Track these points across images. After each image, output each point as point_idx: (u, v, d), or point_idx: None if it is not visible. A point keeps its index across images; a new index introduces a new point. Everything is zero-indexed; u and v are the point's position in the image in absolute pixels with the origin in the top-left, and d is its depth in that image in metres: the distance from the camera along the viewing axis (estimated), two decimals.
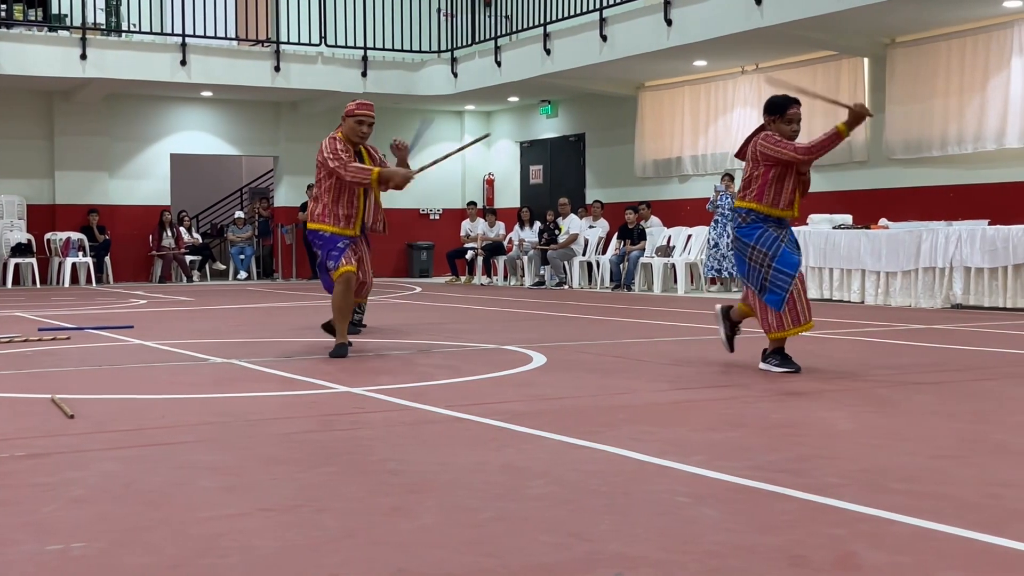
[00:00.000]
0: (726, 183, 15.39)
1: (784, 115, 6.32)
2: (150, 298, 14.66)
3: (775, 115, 6.34)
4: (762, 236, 6.24)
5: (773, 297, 6.22)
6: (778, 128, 6.32)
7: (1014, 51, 13.21)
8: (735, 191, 15.37)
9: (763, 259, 6.23)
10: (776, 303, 6.21)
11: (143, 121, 20.13)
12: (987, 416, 4.82)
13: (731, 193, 15.24)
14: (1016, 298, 10.96)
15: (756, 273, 6.27)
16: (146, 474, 3.68)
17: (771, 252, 6.22)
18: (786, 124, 6.31)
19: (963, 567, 2.60)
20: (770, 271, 6.21)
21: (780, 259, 6.21)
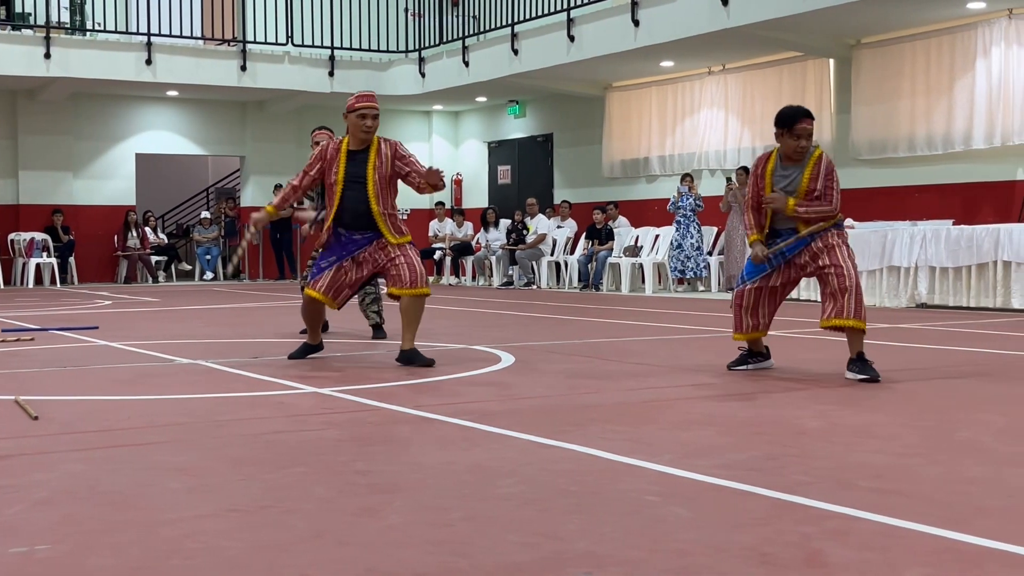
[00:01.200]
0: (688, 184, 15.44)
1: (792, 129, 5.94)
2: (115, 299, 14.55)
3: (783, 128, 5.98)
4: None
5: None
6: (784, 143, 6.00)
7: (978, 52, 13.33)
8: (698, 192, 15.45)
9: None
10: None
11: (108, 121, 19.97)
12: (953, 414, 4.86)
13: (694, 194, 15.30)
14: (980, 297, 11.06)
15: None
16: (112, 475, 3.65)
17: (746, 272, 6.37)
18: (793, 139, 5.96)
19: (929, 563, 2.62)
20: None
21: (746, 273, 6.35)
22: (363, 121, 6.70)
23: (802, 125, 5.92)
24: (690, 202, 15.25)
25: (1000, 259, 10.86)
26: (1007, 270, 10.85)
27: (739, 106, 16.51)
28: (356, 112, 6.71)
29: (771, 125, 6.13)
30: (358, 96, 6.79)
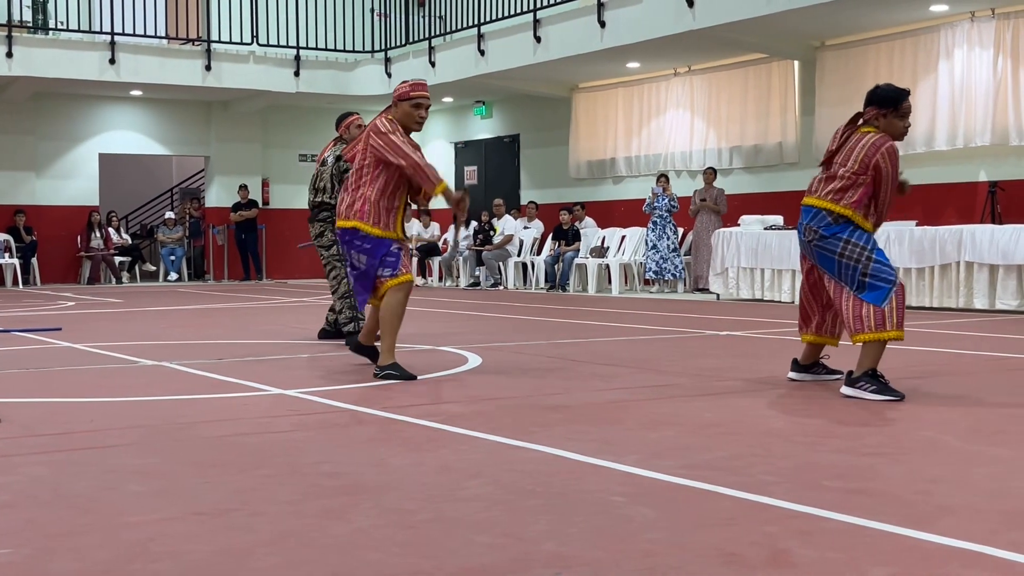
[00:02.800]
0: (662, 184, 15.47)
1: (899, 108, 5.50)
2: (78, 300, 14.43)
3: (887, 108, 5.50)
4: (856, 231, 5.47)
5: (875, 293, 5.36)
6: (890, 124, 5.50)
7: (941, 55, 13.46)
8: (672, 193, 15.44)
9: (861, 253, 5.42)
10: (879, 298, 5.35)
11: (71, 120, 19.82)
12: (916, 414, 4.89)
13: (668, 195, 15.33)
14: (943, 298, 11.16)
15: (851, 269, 5.43)
16: (74, 479, 3.62)
17: (869, 245, 5.44)
18: (900, 119, 5.51)
19: (893, 562, 2.64)
20: (871, 264, 5.38)
21: (879, 252, 5.46)
22: (417, 111, 6.22)
23: (907, 103, 5.55)
24: (665, 203, 15.29)
25: (963, 260, 10.96)
26: (970, 271, 10.95)
27: (705, 107, 16.58)
28: (411, 101, 6.20)
29: (737, 126, 6.07)
30: (413, 84, 6.27)
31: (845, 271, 5.45)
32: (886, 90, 5.57)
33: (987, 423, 4.65)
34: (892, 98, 5.51)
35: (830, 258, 5.50)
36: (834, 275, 5.51)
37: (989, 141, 12.98)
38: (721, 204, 15.32)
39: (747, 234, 13.23)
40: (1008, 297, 10.63)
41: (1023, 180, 12.83)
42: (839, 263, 5.46)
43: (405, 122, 6.22)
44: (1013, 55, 12.82)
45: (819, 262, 5.60)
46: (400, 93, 6.23)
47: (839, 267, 5.47)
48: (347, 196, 6.19)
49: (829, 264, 5.52)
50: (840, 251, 5.46)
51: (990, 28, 13.00)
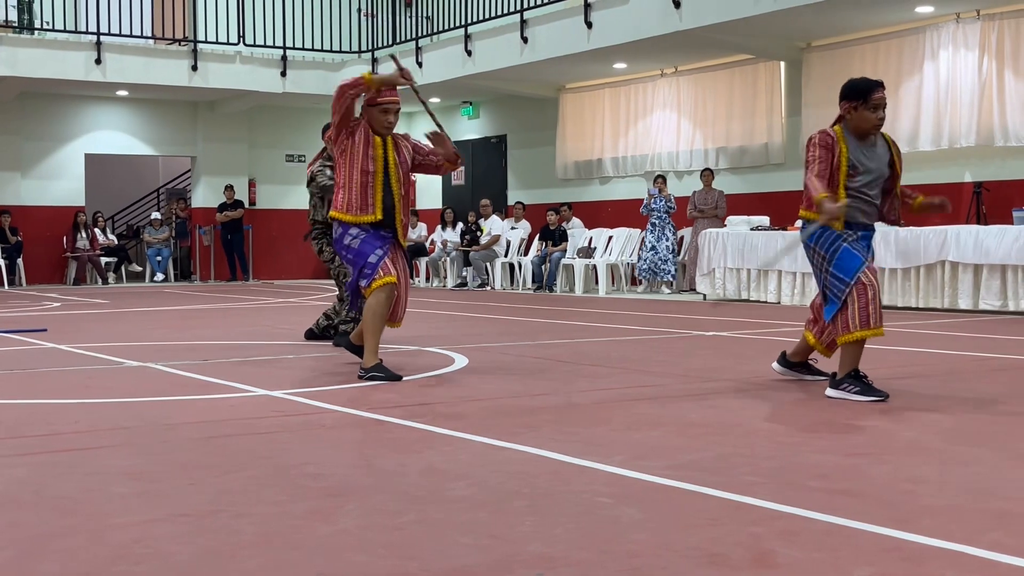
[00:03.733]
0: (659, 185, 15.38)
1: (868, 100, 5.43)
2: (64, 300, 14.38)
3: (856, 101, 5.45)
4: (823, 235, 5.41)
5: (829, 307, 5.44)
6: (861, 116, 5.43)
7: (926, 56, 13.50)
8: (669, 194, 15.39)
9: (821, 262, 5.43)
10: (828, 313, 5.44)
11: (57, 120, 19.75)
12: (899, 415, 4.91)
13: (665, 196, 15.25)
14: (928, 298, 11.19)
15: (819, 279, 5.50)
16: (58, 480, 3.61)
17: (829, 253, 5.39)
18: (871, 111, 5.43)
19: (876, 562, 2.65)
20: (827, 275, 5.41)
21: (842, 255, 5.36)
22: (386, 117, 6.16)
23: (879, 95, 5.46)
24: (662, 204, 15.22)
25: (948, 260, 11.00)
26: (954, 271, 10.99)
27: (691, 108, 16.61)
28: (379, 107, 6.15)
29: (724, 127, 6.07)
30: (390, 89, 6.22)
31: (817, 279, 5.54)
32: (855, 82, 5.55)
33: (970, 424, 4.68)
34: (861, 89, 5.46)
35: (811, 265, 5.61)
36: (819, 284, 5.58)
37: (974, 142, 13.03)
38: (721, 209, 15.27)
39: (734, 234, 13.25)
40: (992, 297, 10.67)
41: (1008, 181, 12.88)
42: (815, 271, 5.55)
43: (374, 126, 6.17)
44: (998, 56, 12.87)
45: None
46: (368, 98, 6.17)
47: (816, 275, 5.56)
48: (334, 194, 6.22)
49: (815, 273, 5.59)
50: (811, 259, 5.53)
51: (975, 29, 13.05)
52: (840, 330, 5.36)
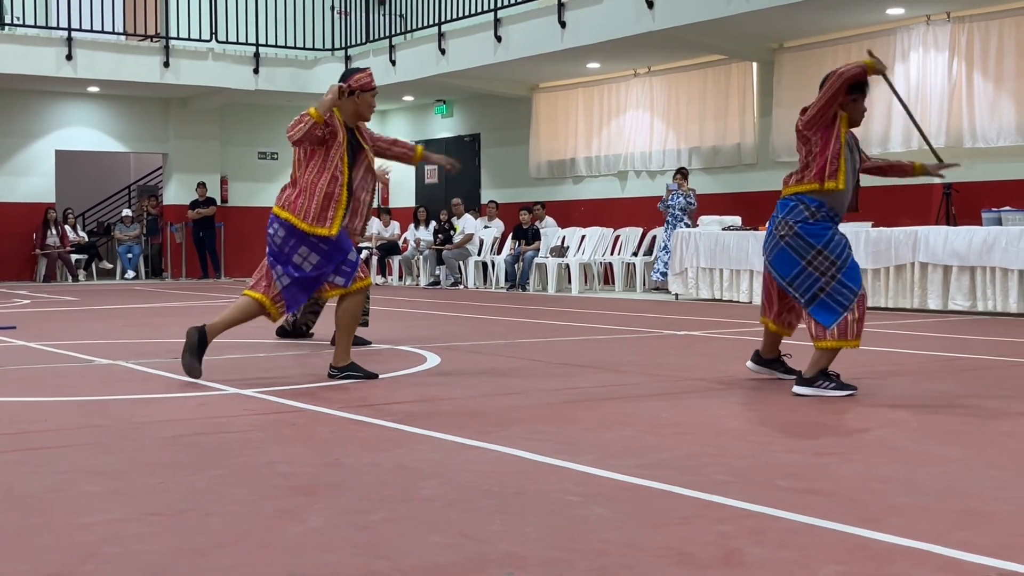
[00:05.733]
0: (678, 181, 14.92)
1: (864, 94, 5.54)
2: (34, 298, 14.28)
3: (857, 93, 5.50)
4: (832, 239, 5.38)
5: (826, 313, 5.36)
6: (856, 108, 5.52)
7: (897, 57, 13.59)
8: (689, 189, 14.91)
9: (828, 268, 5.35)
10: (829, 319, 5.36)
11: (27, 116, 19.60)
12: (868, 414, 4.95)
13: (684, 192, 14.83)
14: (898, 298, 11.27)
15: (812, 281, 5.38)
16: (26, 479, 3.59)
17: (840, 260, 5.37)
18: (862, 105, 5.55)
19: (843, 561, 2.67)
20: (833, 282, 5.34)
21: (851, 267, 5.39)
22: (374, 99, 6.15)
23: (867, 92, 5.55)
24: (680, 200, 14.77)
25: (917, 261, 11.08)
26: (924, 271, 11.07)
27: (664, 108, 16.65)
28: (372, 92, 6.08)
29: (696, 127, 6.10)
30: (368, 72, 6.13)
31: (804, 280, 5.39)
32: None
33: (938, 423, 4.71)
34: (863, 83, 5.50)
35: (793, 260, 5.41)
36: (785, 278, 5.46)
37: (944, 143, 13.10)
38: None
39: (706, 234, 13.30)
40: (961, 298, 10.75)
41: (977, 182, 12.98)
42: (802, 270, 5.39)
43: (363, 112, 6.10)
44: (968, 58, 12.98)
45: (776, 259, 5.50)
46: (363, 84, 6.06)
47: (800, 274, 5.40)
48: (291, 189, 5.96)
49: (788, 266, 5.43)
50: (810, 259, 5.38)
51: (945, 31, 13.15)
52: (837, 336, 5.35)
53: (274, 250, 5.89)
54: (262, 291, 5.98)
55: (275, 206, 5.94)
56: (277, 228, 5.89)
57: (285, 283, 5.90)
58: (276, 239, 5.88)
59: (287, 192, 5.93)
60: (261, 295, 5.97)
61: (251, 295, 6.00)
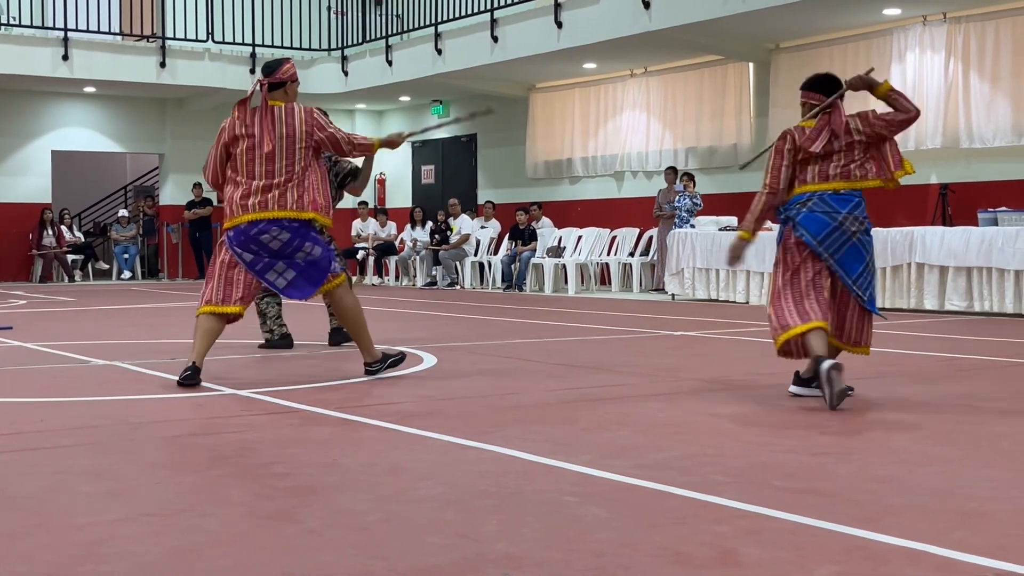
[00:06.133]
0: (685, 183, 14.87)
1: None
2: (30, 298, 14.27)
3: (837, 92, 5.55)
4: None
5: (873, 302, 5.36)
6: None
7: (894, 58, 13.60)
8: (695, 191, 14.83)
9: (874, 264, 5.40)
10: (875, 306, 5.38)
11: (23, 117, 19.58)
12: (865, 415, 4.95)
13: (691, 193, 14.72)
14: (894, 299, 11.28)
15: (869, 277, 5.32)
16: (23, 479, 3.58)
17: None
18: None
19: (840, 561, 2.67)
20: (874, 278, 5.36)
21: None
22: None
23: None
24: (687, 202, 14.66)
25: (914, 261, 11.09)
26: (920, 272, 11.08)
27: (661, 108, 16.66)
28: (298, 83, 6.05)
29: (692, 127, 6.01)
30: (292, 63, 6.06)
31: (868, 277, 5.30)
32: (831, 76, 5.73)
33: (935, 423, 4.72)
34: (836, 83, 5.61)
35: (861, 256, 5.28)
36: (851, 276, 5.26)
37: (940, 144, 13.15)
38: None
39: (702, 235, 13.30)
40: (957, 298, 10.76)
41: (973, 183, 13.00)
42: (867, 267, 5.29)
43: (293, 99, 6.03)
44: (964, 59, 12.99)
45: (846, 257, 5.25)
46: (292, 74, 5.97)
47: (864, 270, 5.28)
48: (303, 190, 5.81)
49: (857, 263, 5.26)
50: (871, 252, 5.33)
51: (942, 32, 13.16)
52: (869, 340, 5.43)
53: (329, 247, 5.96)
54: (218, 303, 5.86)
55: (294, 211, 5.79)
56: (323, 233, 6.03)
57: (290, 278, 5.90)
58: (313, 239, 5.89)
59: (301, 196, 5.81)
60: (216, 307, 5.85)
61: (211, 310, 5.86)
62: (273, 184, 5.76)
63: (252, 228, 5.74)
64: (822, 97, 5.58)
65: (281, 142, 5.78)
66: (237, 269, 5.86)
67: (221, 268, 5.87)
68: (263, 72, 5.94)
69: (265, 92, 5.86)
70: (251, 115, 5.86)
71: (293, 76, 5.97)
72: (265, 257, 5.82)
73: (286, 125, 5.80)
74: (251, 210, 5.75)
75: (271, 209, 5.75)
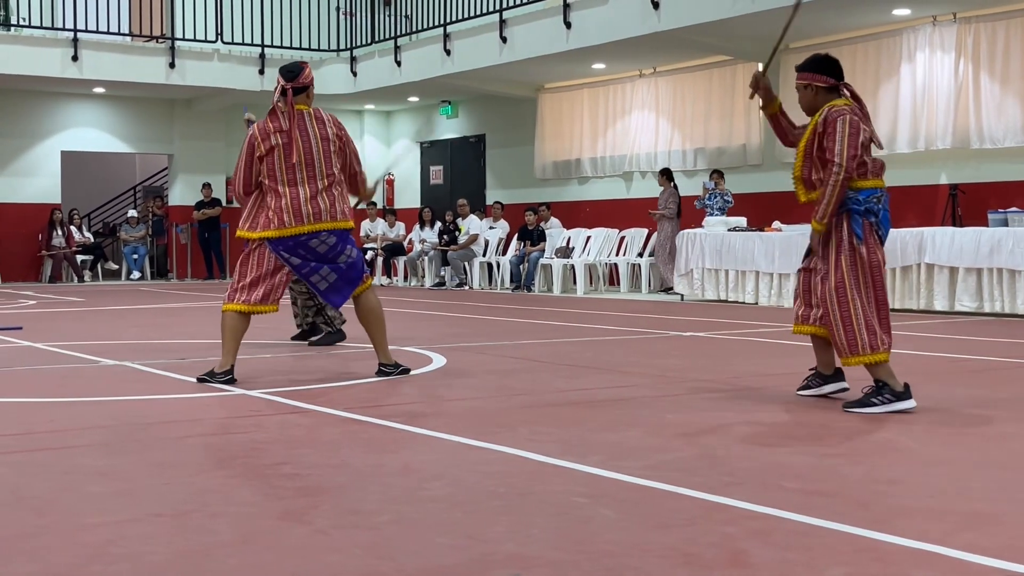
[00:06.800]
0: (715, 180, 14.76)
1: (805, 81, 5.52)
2: (40, 299, 14.30)
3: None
4: None
5: None
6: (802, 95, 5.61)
7: (903, 58, 13.57)
8: (725, 188, 14.77)
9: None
10: None
11: (33, 117, 19.62)
12: (874, 416, 4.93)
13: (722, 191, 14.65)
14: (904, 299, 11.25)
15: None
16: (33, 480, 3.59)
17: None
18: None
19: (849, 563, 2.67)
20: None
21: None
22: None
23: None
24: (718, 200, 14.55)
25: (923, 262, 11.06)
26: (930, 273, 11.05)
27: (670, 109, 16.64)
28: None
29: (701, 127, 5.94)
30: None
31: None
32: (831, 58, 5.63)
33: (944, 425, 4.70)
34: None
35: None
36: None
37: (950, 144, 13.11)
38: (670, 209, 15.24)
39: (711, 235, 13.29)
40: (967, 299, 10.73)
41: (983, 183, 12.97)
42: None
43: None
44: (974, 59, 12.95)
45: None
46: (312, 78, 6.01)
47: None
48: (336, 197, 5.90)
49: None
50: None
51: (952, 32, 13.13)
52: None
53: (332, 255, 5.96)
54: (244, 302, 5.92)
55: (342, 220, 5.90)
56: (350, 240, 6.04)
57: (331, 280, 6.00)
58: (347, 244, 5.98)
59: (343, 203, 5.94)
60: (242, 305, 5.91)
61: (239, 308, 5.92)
62: (319, 190, 5.84)
63: (301, 236, 5.83)
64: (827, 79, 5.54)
65: (318, 146, 5.85)
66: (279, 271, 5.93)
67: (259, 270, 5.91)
68: (285, 77, 5.90)
69: (291, 97, 5.87)
70: (283, 122, 5.86)
71: (313, 80, 6.01)
72: (312, 261, 5.92)
73: (318, 129, 5.87)
74: (306, 220, 5.80)
75: (324, 220, 5.83)
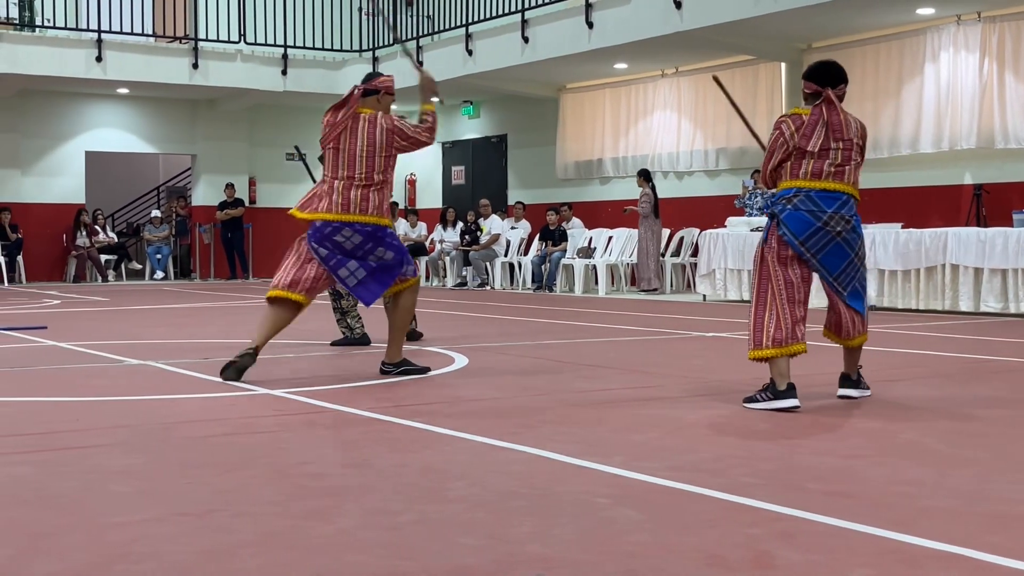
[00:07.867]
0: (756, 179, 14.39)
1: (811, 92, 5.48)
2: (64, 298, 14.38)
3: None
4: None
5: (860, 301, 5.29)
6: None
7: (927, 58, 13.50)
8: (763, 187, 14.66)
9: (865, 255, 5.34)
10: (863, 306, 5.31)
11: (57, 118, 19.74)
12: (897, 416, 4.91)
13: (761, 190, 14.34)
14: (928, 300, 11.20)
15: (856, 272, 5.25)
16: (57, 479, 3.61)
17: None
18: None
19: (874, 564, 2.65)
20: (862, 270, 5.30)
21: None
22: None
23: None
24: (758, 199, 14.25)
25: (948, 262, 11.00)
26: (955, 273, 10.99)
27: (692, 109, 16.60)
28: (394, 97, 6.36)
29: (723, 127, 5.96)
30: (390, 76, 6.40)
31: (851, 272, 5.20)
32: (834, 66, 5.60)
33: (968, 426, 4.68)
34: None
35: (845, 254, 5.17)
36: (833, 273, 5.17)
37: (975, 144, 13.03)
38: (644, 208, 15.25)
39: (734, 236, 13.25)
40: (992, 300, 10.67)
41: (1008, 183, 12.88)
42: (851, 263, 5.19)
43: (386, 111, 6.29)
44: (999, 58, 12.87)
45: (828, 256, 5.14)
46: (388, 86, 6.27)
47: (847, 266, 5.19)
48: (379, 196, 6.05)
49: (839, 260, 5.16)
50: (858, 250, 5.22)
51: (976, 31, 13.05)
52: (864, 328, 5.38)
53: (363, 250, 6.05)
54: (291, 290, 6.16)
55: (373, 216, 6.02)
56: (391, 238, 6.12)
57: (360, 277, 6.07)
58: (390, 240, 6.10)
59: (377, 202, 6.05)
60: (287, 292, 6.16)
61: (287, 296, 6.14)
62: (355, 185, 6.02)
63: (327, 227, 6.00)
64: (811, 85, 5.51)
65: (362, 148, 6.03)
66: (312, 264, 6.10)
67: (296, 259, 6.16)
68: (363, 80, 6.26)
69: (357, 97, 6.13)
70: (340, 120, 6.10)
71: (388, 88, 6.25)
72: (338, 255, 6.05)
73: (367, 134, 6.05)
74: (328, 210, 6.00)
75: (350, 212, 5.99)
